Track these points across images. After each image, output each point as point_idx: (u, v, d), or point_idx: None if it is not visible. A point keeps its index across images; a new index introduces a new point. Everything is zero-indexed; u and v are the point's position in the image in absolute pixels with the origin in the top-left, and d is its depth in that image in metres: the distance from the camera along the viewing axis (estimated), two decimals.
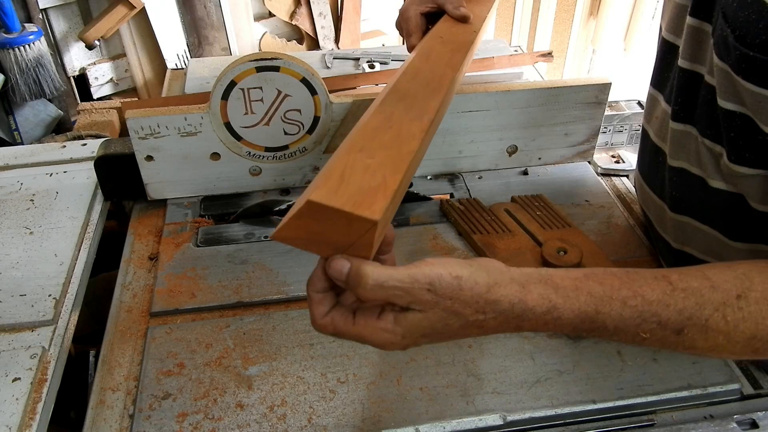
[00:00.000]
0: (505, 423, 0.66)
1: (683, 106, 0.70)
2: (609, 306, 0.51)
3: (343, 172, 0.50)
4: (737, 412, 0.68)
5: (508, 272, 0.52)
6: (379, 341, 0.50)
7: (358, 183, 0.49)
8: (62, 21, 1.52)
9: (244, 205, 0.96)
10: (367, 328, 0.50)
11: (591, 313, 0.51)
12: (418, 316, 0.50)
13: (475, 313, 0.50)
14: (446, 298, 0.49)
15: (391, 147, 0.55)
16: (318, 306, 0.51)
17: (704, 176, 0.68)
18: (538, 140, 1.01)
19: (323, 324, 0.51)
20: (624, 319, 0.52)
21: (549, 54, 1.37)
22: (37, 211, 0.94)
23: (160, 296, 0.80)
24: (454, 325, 0.50)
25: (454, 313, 0.50)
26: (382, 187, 0.49)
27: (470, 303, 0.49)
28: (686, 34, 0.67)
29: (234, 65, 0.85)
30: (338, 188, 0.48)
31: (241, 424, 0.66)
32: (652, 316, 0.52)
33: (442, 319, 0.50)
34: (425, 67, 0.70)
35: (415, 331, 0.50)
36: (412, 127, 0.59)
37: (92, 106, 1.47)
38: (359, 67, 1.33)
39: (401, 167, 0.52)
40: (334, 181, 0.49)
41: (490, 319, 0.50)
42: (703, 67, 0.66)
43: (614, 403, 0.68)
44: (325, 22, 1.81)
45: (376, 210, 0.47)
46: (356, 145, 0.55)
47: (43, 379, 0.70)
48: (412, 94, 0.64)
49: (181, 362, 0.72)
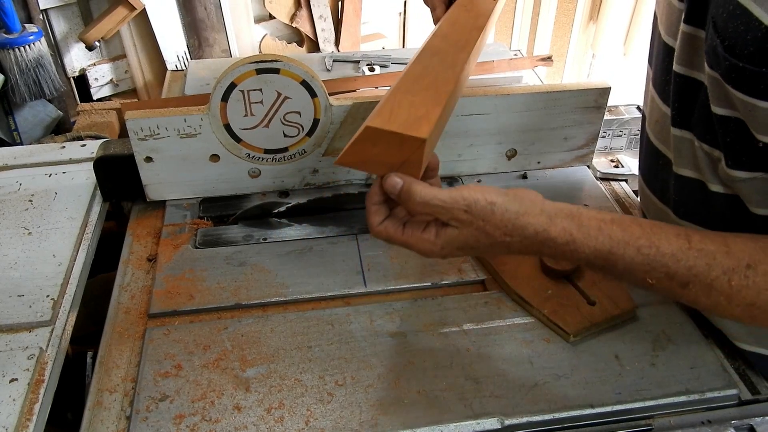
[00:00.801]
0: (503, 427, 0.66)
1: (680, 112, 0.70)
2: (623, 250, 0.57)
3: (392, 108, 0.61)
4: (735, 418, 0.68)
5: (541, 204, 0.59)
6: (422, 249, 0.60)
7: (406, 114, 0.60)
8: (62, 22, 1.52)
9: (243, 206, 0.96)
10: (413, 238, 0.60)
11: (605, 252, 0.57)
12: (455, 232, 0.59)
13: (503, 235, 0.58)
14: (479, 219, 0.57)
15: (430, 88, 0.66)
16: (374, 216, 0.61)
17: (704, 180, 0.68)
18: (538, 144, 1.01)
19: (378, 231, 0.61)
20: (635, 263, 0.57)
21: (549, 58, 1.38)
22: (35, 211, 0.94)
23: (158, 297, 0.80)
24: (485, 243, 0.59)
25: (485, 233, 0.58)
26: (426, 116, 0.60)
27: (500, 226, 0.57)
28: (681, 40, 0.67)
29: (234, 67, 0.85)
30: (390, 117, 0.59)
31: (238, 427, 0.65)
32: (662, 267, 0.57)
33: (474, 236, 0.58)
34: (452, 31, 0.80)
35: (452, 243, 0.59)
36: (447, 74, 0.69)
37: (92, 106, 1.47)
38: (359, 70, 1.34)
39: (441, 101, 0.63)
40: (386, 113, 0.60)
41: (516, 242, 0.58)
42: (699, 73, 0.66)
43: (612, 408, 0.68)
44: (326, 25, 1.82)
45: (423, 131, 0.57)
46: (401, 89, 0.65)
47: (40, 379, 0.69)
48: (444, 51, 0.74)
49: (179, 364, 0.72)
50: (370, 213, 0.61)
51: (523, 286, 0.80)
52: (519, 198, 0.59)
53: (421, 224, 0.61)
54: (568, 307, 0.77)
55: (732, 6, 0.54)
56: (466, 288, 0.83)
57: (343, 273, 0.84)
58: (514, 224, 0.58)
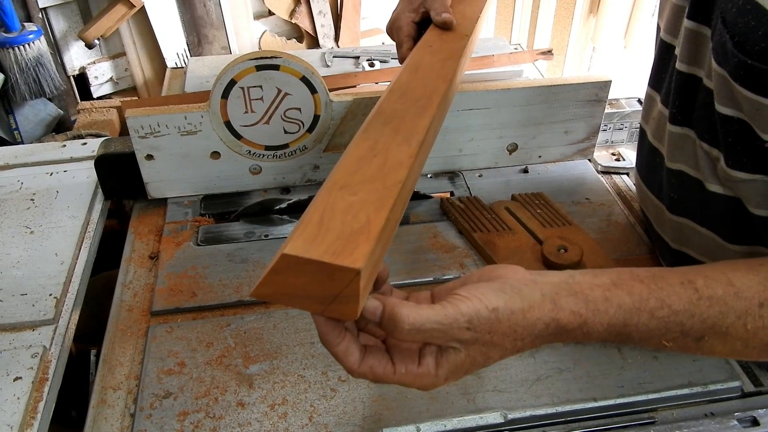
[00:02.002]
0: (506, 421, 0.66)
1: (681, 109, 0.69)
2: (637, 318, 0.52)
3: (322, 216, 0.46)
4: (738, 410, 0.68)
5: (539, 288, 0.51)
6: (422, 385, 0.50)
7: (338, 227, 0.45)
8: (62, 20, 1.52)
9: (244, 203, 0.96)
10: (408, 376, 0.50)
11: (619, 326, 0.52)
12: (459, 356, 0.49)
13: (513, 342, 0.50)
14: (485, 332, 0.49)
15: (375, 179, 0.50)
16: (348, 358, 0.50)
17: (702, 179, 0.68)
18: (538, 138, 1.01)
19: (363, 373, 0.50)
20: (650, 329, 0.53)
21: (549, 52, 1.37)
22: (37, 210, 0.94)
23: (160, 295, 0.80)
24: (495, 356, 0.51)
25: (493, 345, 0.50)
26: (366, 230, 0.45)
27: (509, 333, 0.50)
28: (684, 36, 0.67)
29: (234, 64, 0.85)
30: (316, 236, 0.44)
31: (242, 423, 0.66)
32: (677, 326, 0.53)
33: (482, 353, 0.50)
34: (414, 82, 0.65)
35: (458, 370, 0.50)
36: (400, 153, 0.54)
37: (92, 105, 1.47)
38: (359, 66, 1.33)
39: (387, 203, 0.48)
40: (312, 228, 0.45)
41: (527, 342, 0.51)
42: (702, 70, 0.65)
43: (615, 401, 0.68)
44: (325, 21, 1.81)
45: (357, 257, 0.43)
46: (337, 183, 0.50)
47: (44, 378, 0.70)
48: (400, 115, 0.59)
49: (182, 361, 0.72)
50: (340, 357, 0.50)
51: None
52: (517, 290, 0.51)
53: (413, 353, 0.50)
54: None
55: (742, 1, 0.53)
56: None
57: None
58: (523, 326, 0.50)
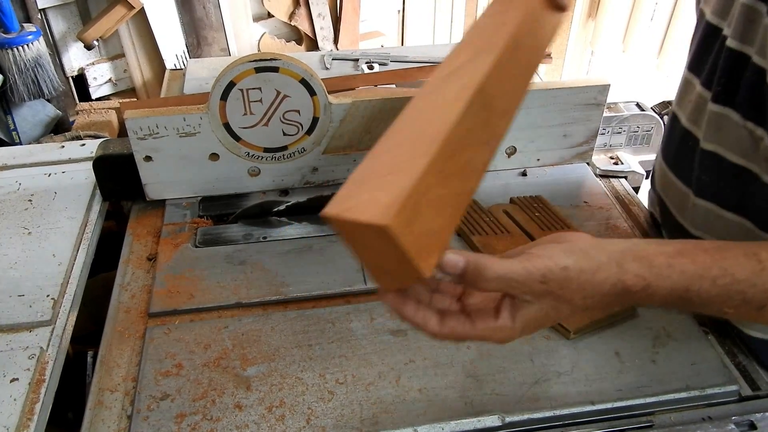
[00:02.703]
0: (504, 424, 0.66)
1: (726, 88, 0.69)
2: (699, 284, 0.54)
3: (420, 197, 0.43)
4: (735, 414, 0.68)
5: (605, 252, 0.54)
6: (500, 338, 0.53)
7: (428, 222, 0.45)
8: (61, 21, 1.52)
9: (242, 205, 0.96)
10: (488, 330, 0.53)
11: (681, 290, 0.54)
12: (532, 309, 0.52)
13: (583, 299, 0.53)
14: (557, 288, 0.52)
15: (459, 176, 0.49)
16: (428, 324, 0.52)
17: (738, 162, 0.68)
18: (537, 141, 1.01)
19: (445, 335, 0.52)
20: (711, 296, 0.55)
21: (548, 55, 1.38)
22: (35, 211, 0.94)
23: (158, 297, 0.80)
24: (565, 311, 0.54)
25: (564, 300, 0.53)
26: (443, 233, 0.47)
27: (578, 291, 0.53)
28: (738, 13, 0.67)
29: (233, 66, 0.85)
30: (412, 221, 0.42)
31: (239, 425, 0.65)
32: (738, 294, 0.55)
33: (553, 307, 0.53)
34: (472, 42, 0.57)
35: (532, 322, 0.53)
36: (483, 156, 0.53)
37: (91, 106, 1.47)
38: (358, 68, 1.33)
39: (460, 210, 0.49)
40: (411, 209, 0.42)
41: (595, 301, 0.54)
42: (752, 48, 0.65)
43: (613, 405, 0.68)
44: (324, 23, 1.81)
45: (430, 265, 0.45)
46: (436, 164, 0.46)
47: (41, 379, 0.69)
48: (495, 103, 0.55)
49: (180, 363, 0.72)
50: (420, 325, 0.53)
51: None
52: (585, 253, 0.54)
53: (489, 311, 0.54)
54: None
55: None
56: None
57: (343, 271, 0.84)
58: (592, 285, 0.53)
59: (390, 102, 0.92)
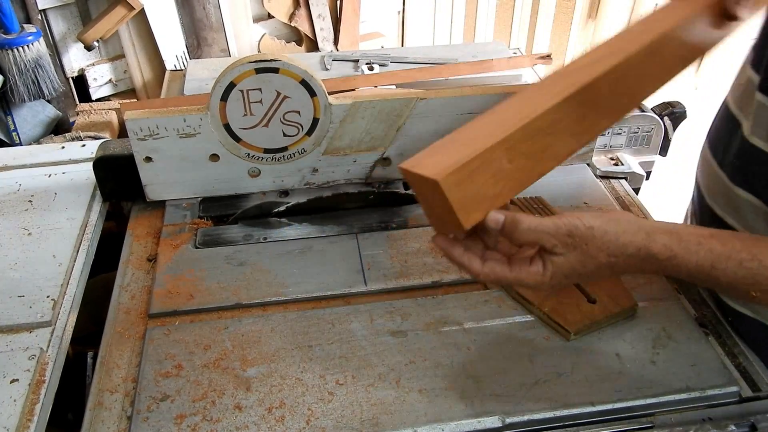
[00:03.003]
0: (504, 425, 0.66)
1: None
2: (725, 264, 0.58)
3: (479, 165, 0.55)
4: (736, 415, 0.68)
5: (638, 222, 0.60)
6: (533, 282, 0.61)
7: (481, 186, 0.55)
8: (61, 22, 1.52)
9: (243, 206, 0.96)
10: (522, 273, 0.61)
11: (707, 267, 0.58)
12: (561, 259, 0.60)
13: (607, 257, 0.59)
14: (582, 243, 0.59)
15: (532, 157, 0.58)
16: (471, 264, 0.61)
17: None
18: None
19: (486, 274, 0.61)
20: (738, 277, 0.58)
21: (548, 56, 1.38)
22: (35, 211, 0.94)
23: (158, 298, 0.80)
24: (591, 266, 0.60)
25: (589, 255, 0.59)
26: (495, 200, 0.57)
27: (602, 248, 0.59)
28: None
29: (233, 66, 0.85)
30: (463, 182, 0.54)
31: (239, 426, 0.65)
32: (765, 279, 0.58)
33: (580, 260, 0.60)
34: (631, 73, 0.63)
35: (560, 271, 0.60)
36: (567, 146, 0.60)
37: (91, 107, 1.47)
38: (358, 69, 1.34)
39: (522, 185, 0.58)
40: (466, 173, 0.54)
41: (620, 261, 0.60)
42: None
43: (613, 405, 0.68)
44: (324, 24, 1.81)
45: (471, 220, 0.56)
46: (508, 140, 0.56)
47: (41, 380, 0.69)
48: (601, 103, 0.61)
49: (180, 364, 0.72)
50: (465, 265, 0.61)
51: None
52: (615, 219, 0.60)
53: (526, 260, 0.61)
54: (569, 305, 0.77)
55: None
56: (467, 286, 0.83)
57: (344, 272, 0.84)
58: (616, 244, 0.59)
59: (390, 103, 0.92)
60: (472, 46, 1.45)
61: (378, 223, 0.93)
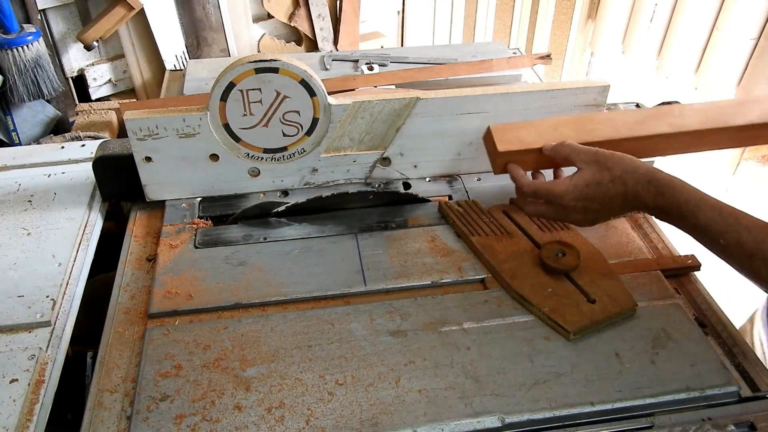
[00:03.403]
0: (504, 425, 0.66)
1: None
2: (710, 208, 0.70)
3: (529, 127, 0.86)
4: (735, 415, 0.68)
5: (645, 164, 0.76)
6: (558, 191, 0.78)
7: (521, 134, 0.85)
8: (61, 22, 1.52)
9: (242, 206, 0.96)
10: (553, 183, 0.79)
11: (694, 202, 0.71)
12: (582, 173, 0.77)
13: (622, 171, 0.75)
14: (603, 159, 0.76)
15: (576, 130, 0.85)
16: (522, 178, 0.83)
17: None
18: None
19: (528, 184, 0.81)
20: (714, 222, 0.69)
21: (547, 56, 1.38)
22: (35, 211, 0.94)
23: (157, 298, 0.80)
24: (606, 179, 0.75)
25: (606, 168, 0.76)
26: (524, 143, 0.84)
27: (619, 163, 0.76)
28: None
29: (233, 66, 0.85)
30: (508, 130, 0.86)
31: (239, 426, 0.65)
32: (735, 233, 0.68)
33: (598, 171, 0.76)
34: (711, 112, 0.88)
35: (581, 181, 0.77)
36: (603, 132, 0.85)
37: (90, 106, 1.47)
38: (358, 69, 1.33)
39: (552, 139, 0.84)
40: (511, 126, 0.87)
41: (629, 179, 0.74)
42: None
43: (612, 405, 0.68)
44: (324, 24, 1.81)
45: (504, 146, 0.84)
46: (566, 122, 0.87)
47: (40, 380, 0.69)
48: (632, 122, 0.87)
49: (179, 364, 0.72)
50: (516, 175, 0.83)
51: (523, 284, 0.80)
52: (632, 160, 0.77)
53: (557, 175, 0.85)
54: (568, 305, 0.77)
55: None
56: (466, 286, 0.83)
57: (343, 272, 0.84)
58: (630, 164, 0.75)
59: (390, 103, 0.92)
60: (472, 46, 1.45)
61: (378, 223, 0.93)
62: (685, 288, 0.85)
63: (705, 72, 1.79)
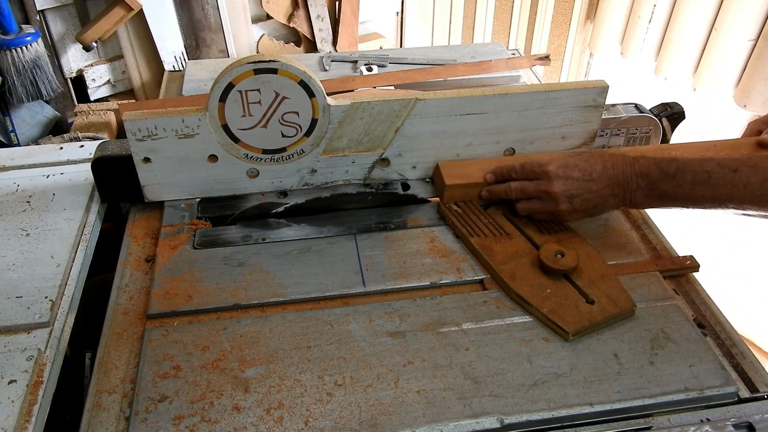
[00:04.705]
0: (503, 426, 0.66)
1: None
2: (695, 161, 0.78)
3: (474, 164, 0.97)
4: (734, 416, 0.68)
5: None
6: (539, 170, 0.86)
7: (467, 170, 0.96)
8: (59, 22, 1.52)
9: (241, 207, 0.96)
10: (540, 155, 0.89)
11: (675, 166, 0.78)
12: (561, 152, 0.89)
13: (608, 155, 0.83)
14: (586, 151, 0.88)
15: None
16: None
17: None
18: (536, 143, 1.01)
19: (513, 186, 0.90)
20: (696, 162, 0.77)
21: (546, 57, 1.38)
22: (33, 212, 0.94)
23: (156, 298, 0.80)
24: (586, 152, 0.85)
25: (589, 153, 0.85)
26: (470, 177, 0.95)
27: (603, 152, 0.85)
28: None
29: (232, 67, 0.85)
30: (454, 168, 0.96)
31: (237, 427, 0.65)
32: (711, 159, 0.77)
33: (579, 153, 0.85)
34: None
35: (561, 157, 0.85)
36: None
37: (89, 107, 1.47)
38: (357, 70, 1.34)
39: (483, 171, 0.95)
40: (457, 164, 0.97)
41: (617, 160, 0.82)
42: None
43: (611, 406, 0.68)
44: (323, 25, 1.81)
45: (451, 180, 0.94)
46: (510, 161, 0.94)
47: (39, 381, 0.69)
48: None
49: (178, 364, 0.72)
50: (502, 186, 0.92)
51: (522, 285, 0.80)
52: None
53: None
54: (567, 306, 0.77)
55: None
56: (465, 287, 0.83)
57: (342, 273, 0.84)
58: (616, 151, 0.84)
59: (388, 104, 0.92)
60: (471, 47, 1.46)
61: (377, 224, 0.93)
62: (683, 289, 0.86)
63: (703, 73, 1.79)
